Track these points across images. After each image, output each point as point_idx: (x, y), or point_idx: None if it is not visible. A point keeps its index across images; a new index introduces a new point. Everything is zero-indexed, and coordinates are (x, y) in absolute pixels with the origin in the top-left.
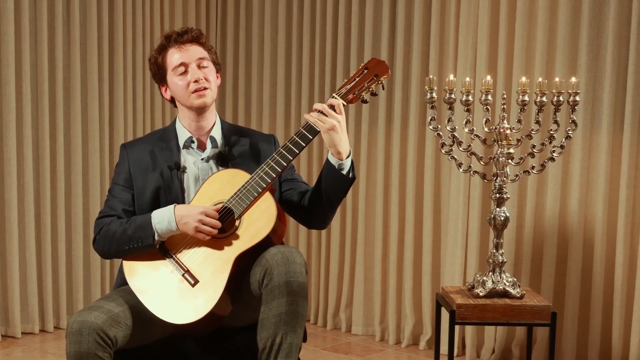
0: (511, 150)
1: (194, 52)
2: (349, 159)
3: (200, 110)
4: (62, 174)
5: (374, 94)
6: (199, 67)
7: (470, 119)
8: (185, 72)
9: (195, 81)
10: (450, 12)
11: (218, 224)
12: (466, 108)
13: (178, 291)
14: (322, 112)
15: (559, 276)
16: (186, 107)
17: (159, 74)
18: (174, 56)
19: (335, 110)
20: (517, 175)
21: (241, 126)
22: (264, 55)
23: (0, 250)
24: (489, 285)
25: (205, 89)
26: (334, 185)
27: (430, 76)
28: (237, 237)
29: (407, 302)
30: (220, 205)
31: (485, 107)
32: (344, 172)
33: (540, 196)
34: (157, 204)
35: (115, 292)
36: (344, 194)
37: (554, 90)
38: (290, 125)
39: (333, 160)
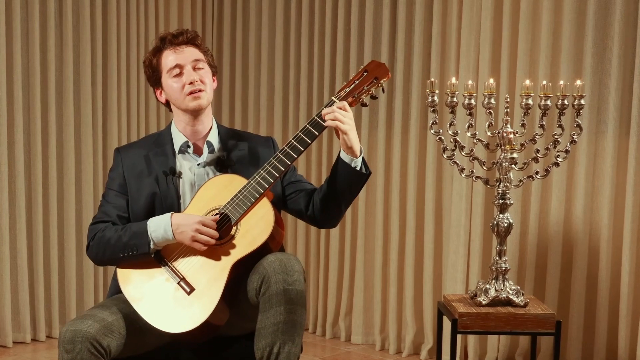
0: (514, 155)
1: (190, 53)
2: (361, 156)
3: (195, 113)
4: (55, 179)
5: (373, 97)
6: (195, 69)
7: (473, 123)
8: (180, 74)
9: (191, 83)
10: (452, 14)
11: (215, 234)
12: (468, 112)
13: (173, 299)
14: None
15: (564, 284)
16: (181, 111)
17: (154, 77)
18: (169, 58)
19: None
20: (520, 181)
21: (238, 130)
22: (261, 58)
23: None
24: (492, 293)
25: (200, 91)
26: (351, 183)
27: (432, 79)
28: (233, 244)
29: (408, 310)
30: (217, 211)
31: (488, 111)
32: (357, 168)
33: (544, 202)
34: (152, 210)
35: (109, 300)
36: (360, 190)
37: (558, 94)
38: (288, 129)
39: (347, 159)
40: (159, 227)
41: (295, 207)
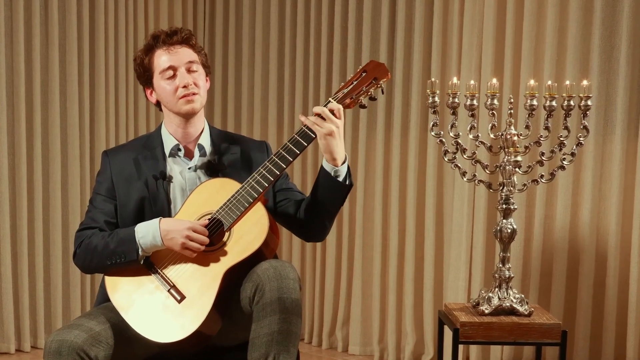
0: (519, 158)
1: (184, 55)
2: (345, 165)
3: (187, 117)
4: (40, 183)
5: (372, 99)
6: (188, 71)
7: (475, 125)
8: (173, 77)
9: (184, 87)
10: (454, 11)
11: (206, 240)
12: (471, 113)
13: (163, 308)
14: (320, 116)
15: (570, 292)
16: (173, 113)
17: (145, 76)
18: (162, 58)
19: (334, 115)
20: (524, 185)
21: (231, 132)
22: (255, 57)
23: None
24: (495, 302)
25: (194, 94)
26: (331, 194)
27: (433, 79)
28: (226, 250)
29: (408, 319)
30: (209, 216)
31: (491, 112)
32: (340, 179)
33: (549, 207)
34: (141, 215)
35: (96, 309)
36: (341, 203)
37: (564, 94)
38: (283, 132)
39: (328, 167)
40: (147, 233)
41: (283, 215)
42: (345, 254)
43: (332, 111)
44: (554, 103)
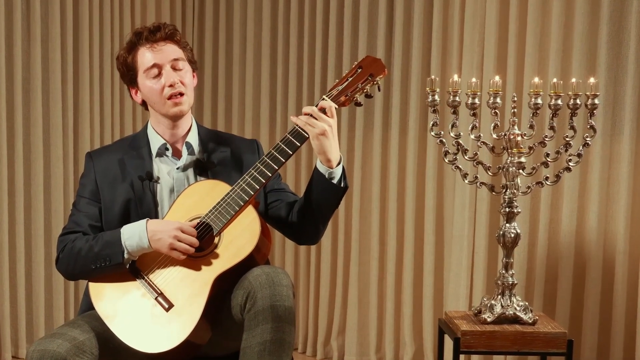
0: (522, 159)
1: (168, 52)
2: (340, 167)
3: (175, 118)
4: (22, 185)
5: (368, 96)
6: (174, 69)
7: (477, 125)
8: (158, 75)
9: (171, 85)
10: (455, 5)
11: (195, 241)
12: (472, 112)
13: (150, 316)
14: (311, 116)
15: (576, 300)
16: (160, 114)
17: (129, 76)
18: (146, 56)
19: (326, 114)
20: (529, 187)
21: (220, 132)
22: (246, 54)
23: None
24: (498, 309)
25: (181, 95)
26: (325, 196)
27: (432, 77)
28: (216, 256)
29: (407, 328)
30: (198, 220)
31: (493, 111)
32: (335, 180)
33: (554, 210)
34: (127, 218)
35: (80, 317)
36: (335, 205)
37: (570, 93)
38: (275, 131)
39: (322, 169)
40: (133, 234)
41: (275, 217)
42: (341, 259)
43: (324, 110)
44: (559, 102)
